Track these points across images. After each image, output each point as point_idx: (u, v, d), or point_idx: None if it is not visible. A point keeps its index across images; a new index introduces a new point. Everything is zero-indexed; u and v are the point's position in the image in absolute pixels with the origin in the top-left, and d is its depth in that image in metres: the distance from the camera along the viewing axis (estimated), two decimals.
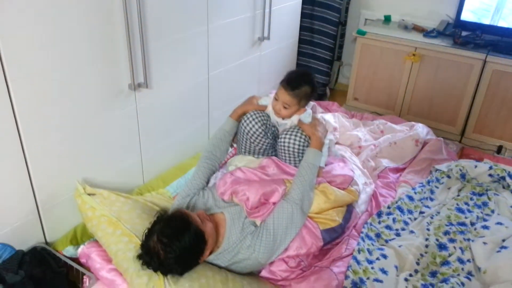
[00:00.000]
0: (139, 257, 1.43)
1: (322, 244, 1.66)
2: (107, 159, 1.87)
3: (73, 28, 1.52)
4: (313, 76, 1.85)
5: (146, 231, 1.44)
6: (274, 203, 1.67)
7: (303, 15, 3.19)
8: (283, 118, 1.84)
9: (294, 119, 1.83)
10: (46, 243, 1.72)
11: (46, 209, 1.67)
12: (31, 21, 1.39)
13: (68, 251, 1.68)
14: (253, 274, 1.62)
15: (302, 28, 3.25)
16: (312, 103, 1.90)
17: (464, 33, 2.85)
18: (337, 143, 2.53)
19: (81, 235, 1.75)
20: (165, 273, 1.42)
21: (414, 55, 2.85)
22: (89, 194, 1.71)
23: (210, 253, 1.53)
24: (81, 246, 1.68)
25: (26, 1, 1.35)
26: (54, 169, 1.65)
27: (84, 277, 1.60)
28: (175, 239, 1.37)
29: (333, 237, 1.71)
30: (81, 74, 1.61)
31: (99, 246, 1.66)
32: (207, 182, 1.85)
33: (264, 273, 1.63)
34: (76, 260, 1.66)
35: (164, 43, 1.95)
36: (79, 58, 1.58)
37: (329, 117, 2.66)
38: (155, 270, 1.42)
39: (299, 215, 1.62)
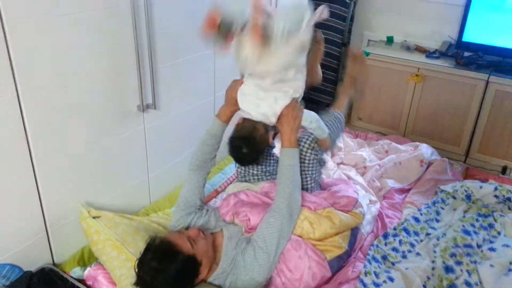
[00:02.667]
0: (136, 284, 1.43)
1: (330, 275, 1.65)
2: (115, 179, 1.89)
3: (84, 50, 1.56)
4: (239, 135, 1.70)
5: (137, 261, 1.43)
6: None
7: None
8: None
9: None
10: (54, 264, 1.72)
11: (54, 230, 1.68)
12: (44, 43, 1.42)
13: (75, 272, 1.68)
14: None
15: None
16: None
17: (466, 54, 2.88)
18: (342, 163, 2.54)
19: (88, 256, 1.76)
20: None
21: (417, 75, 2.88)
22: (94, 217, 1.72)
23: (210, 271, 1.52)
24: (88, 268, 1.68)
25: (39, 24, 1.39)
26: (63, 191, 1.66)
27: None
28: (162, 272, 1.37)
29: (340, 264, 1.70)
30: (92, 96, 1.65)
31: (105, 268, 1.66)
32: (203, 196, 1.82)
33: None
34: (83, 281, 1.67)
35: (171, 65, 1.99)
36: (90, 80, 1.62)
37: None
38: None
39: (288, 225, 1.59)
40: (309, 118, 1.77)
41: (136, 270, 1.42)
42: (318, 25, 3.25)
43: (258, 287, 1.59)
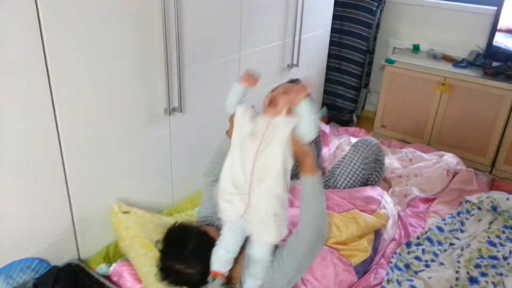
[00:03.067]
0: (160, 275, 1.47)
1: (356, 281, 1.65)
2: (140, 179, 1.93)
3: (115, 53, 1.61)
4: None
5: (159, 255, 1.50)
6: None
7: (331, 43, 3.25)
8: None
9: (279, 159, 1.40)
10: (80, 259, 1.76)
11: (81, 227, 1.72)
12: (77, 45, 1.47)
13: (101, 268, 1.72)
14: None
15: (330, 55, 3.30)
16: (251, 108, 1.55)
17: (494, 64, 2.83)
18: None
19: (113, 253, 1.80)
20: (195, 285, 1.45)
21: (443, 84, 2.85)
22: (124, 212, 1.75)
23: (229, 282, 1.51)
24: (113, 264, 1.72)
25: (75, 35, 1.45)
26: (91, 187, 1.71)
27: None
28: (186, 247, 1.43)
29: (365, 269, 1.70)
30: (121, 98, 1.69)
31: (130, 265, 1.69)
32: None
33: None
34: (108, 278, 1.70)
35: (198, 69, 2.02)
36: (120, 82, 1.67)
37: None
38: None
39: (312, 252, 1.49)
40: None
41: (159, 261, 1.48)
42: (345, 32, 3.28)
43: None
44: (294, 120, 1.39)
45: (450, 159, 2.49)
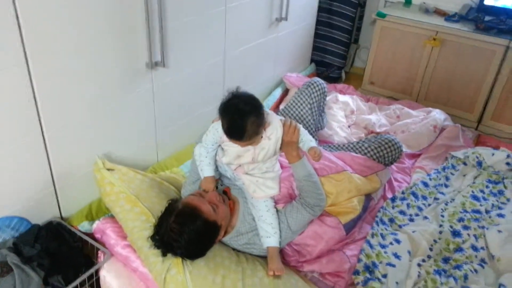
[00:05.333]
0: (153, 239, 1.46)
1: (345, 236, 1.66)
2: (123, 136, 1.88)
3: (92, 5, 1.51)
4: (244, 95, 1.42)
5: (157, 220, 1.48)
6: None
7: None
8: None
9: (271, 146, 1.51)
10: (62, 218, 1.74)
11: (62, 184, 1.69)
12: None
13: (83, 226, 1.70)
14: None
15: (320, 9, 3.19)
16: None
17: (487, 18, 2.77)
18: (354, 124, 2.52)
19: (96, 211, 1.77)
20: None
21: (434, 39, 2.79)
22: (108, 169, 1.71)
23: (225, 233, 1.55)
24: (96, 222, 1.70)
25: None
26: (71, 144, 1.66)
27: (99, 252, 1.62)
28: (184, 234, 1.38)
29: (352, 226, 1.70)
30: (99, 51, 1.61)
31: (114, 222, 1.67)
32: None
33: None
34: (90, 235, 1.69)
35: (182, 22, 1.93)
36: (98, 35, 1.58)
37: (347, 99, 2.64)
38: (165, 255, 1.45)
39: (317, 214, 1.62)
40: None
41: (156, 228, 1.45)
42: None
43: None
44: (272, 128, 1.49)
45: (438, 115, 2.48)
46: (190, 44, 2.04)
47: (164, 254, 1.43)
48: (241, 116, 1.35)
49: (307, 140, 1.55)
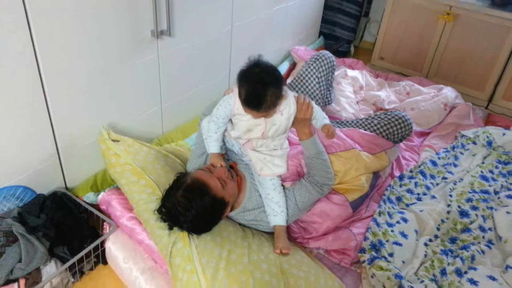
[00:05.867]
0: (159, 212, 1.44)
1: (352, 214, 1.65)
2: (128, 107, 1.85)
3: None
4: (267, 65, 1.37)
5: (164, 193, 1.45)
6: None
7: None
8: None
9: (283, 122, 1.47)
10: (67, 188, 1.72)
11: (66, 154, 1.66)
12: None
13: (88, 197, 1.69)
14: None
15: None
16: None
17: None
18: (362, 100, 2.48)
19: (101, 182, 1.75)
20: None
21: (448, 14, 2.70)
22: (113, 140, 1.68)
23: (232, 209, 1.53)
24: (102, 193, 1.68)
25: None
26: (75, 114, 1.62)
27: (104, 223, 1.61)
28: (191, 209, 1.36)
29: (359, 204, 1.69)
30: (104, 19, 1.55)
31: (119, 194, 1.66)
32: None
33: None
34: (96, 206, 1.68)
35: None
36: (102, 5, 1.52)
37: (356, 74, 2.58)
38: (172, 228, 1.43)
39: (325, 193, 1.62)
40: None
41: (163, 201, 1.43)
42: None
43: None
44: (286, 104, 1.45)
45: (449, 92, 2.42)
46: (197, 13, 1.98)
47: (170, 228, 1.42)
48: (262, 86, 1.31)
49: (320, 117, 1.52)
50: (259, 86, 1.31)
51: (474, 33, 2.69)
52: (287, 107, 1.44)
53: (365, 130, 1.88)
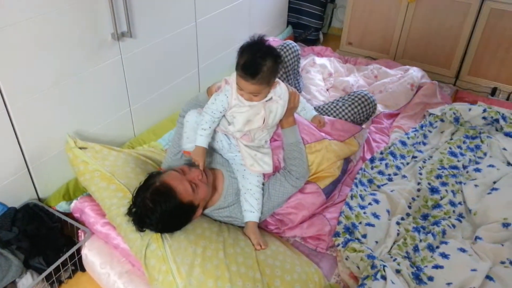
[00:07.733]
0: (129, 213, 1.42)
1: (325, 200, 1.67)
2: (96, 112, 1.83)
3: None
4: (268, 41, 1.45)
5: (134, 193, 1.43)
6: None
7: None
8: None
9: (279, 110, 1.54)
10: (39, 199, 1.71)
11: (35, 165, 1.65)
12: None
13: (61, 206, 1.68)
14: None
15: None
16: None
17: None
18: (332, 87, 2.50)
19: (73, 190, 1.75)
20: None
21: None
22: (80, 148, 1.67)
23: (206, 206, 1.54)
24: (74, 201, 1.68)
25: None
26: (41, 124, 1.61)
27: (79, 231, 1.61)
28: (155, 213, 1.35)
29: (332, 189, 1.71)
30: (60, 23, 1.53)
31: (92, 201, 1.65)
32: None
33: None
34: (69, 215, 1.67)
35: None
36: (57, 7, 1.50)
37: (324, 62, 2.60)
38: (141, 231, 1.42)
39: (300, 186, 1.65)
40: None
41: (133, 199, 1.42)
42: None
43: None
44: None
45: (415, 72, 2.46)
46: (158, 13, 1.97)
47: (139, 230, 1.41)
48: (262, 55, 1.37)
49: (308, 108, 1.63)
50: (259, 55, 1.37)
51: (436, 12, 2.73)
52: (283, 93, 1.52)
53: (332, 114, 1.91)
